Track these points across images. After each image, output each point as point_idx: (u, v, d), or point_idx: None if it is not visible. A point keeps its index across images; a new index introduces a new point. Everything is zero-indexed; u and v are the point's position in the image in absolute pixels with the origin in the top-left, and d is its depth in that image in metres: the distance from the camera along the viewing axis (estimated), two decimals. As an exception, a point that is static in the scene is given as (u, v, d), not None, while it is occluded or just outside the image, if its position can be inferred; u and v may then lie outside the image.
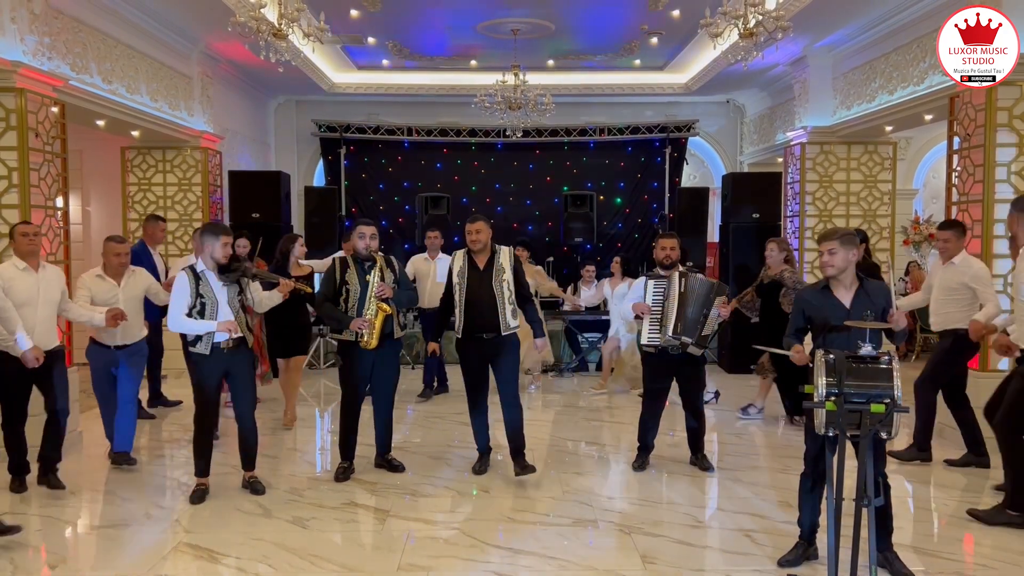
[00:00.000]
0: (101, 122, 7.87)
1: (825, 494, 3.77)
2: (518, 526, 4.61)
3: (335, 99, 12.42)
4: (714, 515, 4.85)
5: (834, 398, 3.45)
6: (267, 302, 5.42)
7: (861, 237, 6.93)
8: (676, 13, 8.93)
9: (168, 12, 8.07)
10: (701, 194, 11.34)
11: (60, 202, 6.50)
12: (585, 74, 11.98)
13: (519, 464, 5.34)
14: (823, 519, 3.90)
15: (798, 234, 9.74)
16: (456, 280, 5.39)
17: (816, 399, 3.50)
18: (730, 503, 5.01)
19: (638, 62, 11.37)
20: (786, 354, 4.09)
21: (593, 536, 4.48)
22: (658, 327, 5.49)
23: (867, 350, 3.56)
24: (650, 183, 12.88)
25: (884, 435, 3.49)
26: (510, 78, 10.01)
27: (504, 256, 5.42)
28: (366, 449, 5.79)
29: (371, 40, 10.21)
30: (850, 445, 3.63)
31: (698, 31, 7.64)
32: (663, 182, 12.69)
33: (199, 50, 9.30)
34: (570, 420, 7.36)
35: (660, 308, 5.50)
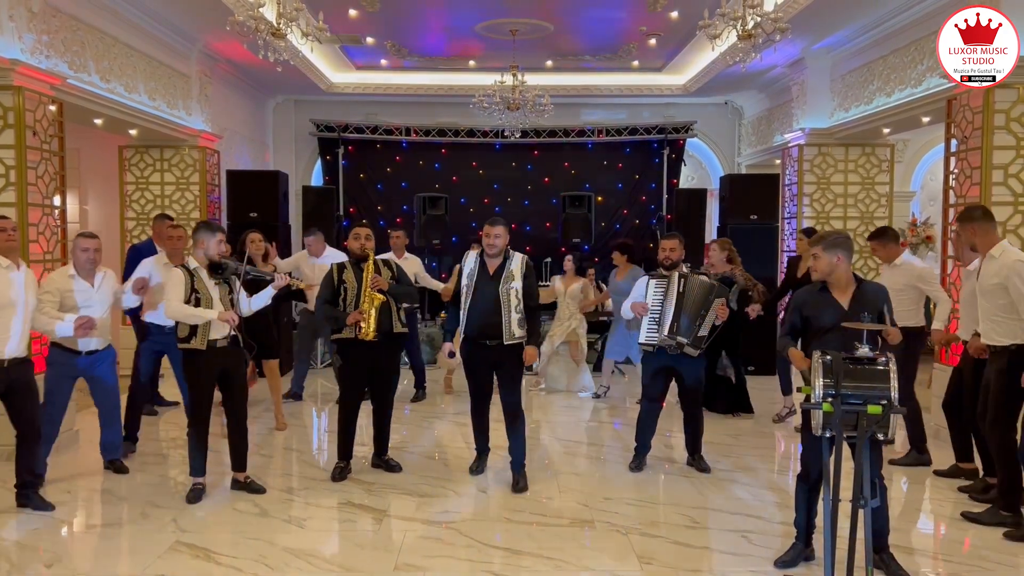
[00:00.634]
0: (99, 121, 7.86)
1: (822, 495, 3.78)
2: (515, 526, 4.61)
3: (333, 99, 12.41)
4: (711, 516, 4.85)
5: (831, 399, 3.46)
6: (254, 305, 5.40)
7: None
8: (674, 14, 8.94)
9: (167, 11, 8.06)
10: (699, 195, 11.34)
11: (58, 201, 6.49)
12: (583, 75, 11.99)
13: (517, 479, 5.27)
14: (819, 520, 3.90)
15: (796, 236, 9.74)
16: (465, 282, 5.33)
17: (813, 400, 3.51)
18: (727, 504, 5.02)
19: (636, 63, 11.38)
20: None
21: (590, 536, 4.48)
22: (656, 327, 5.51)
23: (864, 351, 3.57)
24: (648, 184, 12.89)
25: (881, 436, 3.50)
26: (508, 79, 10.01)
27: (516, 263, 5.27)
28: (363, 449, 5.79)
29: (369, 40, 10.20)
30: (847, 446, 3.65)
31: (696, 32, 7.66)
32: (661, 183, 12.68)
33: (197, 49, 9.29)
34: (567, 420, 7.37)
35: (659, 308, 5.52)
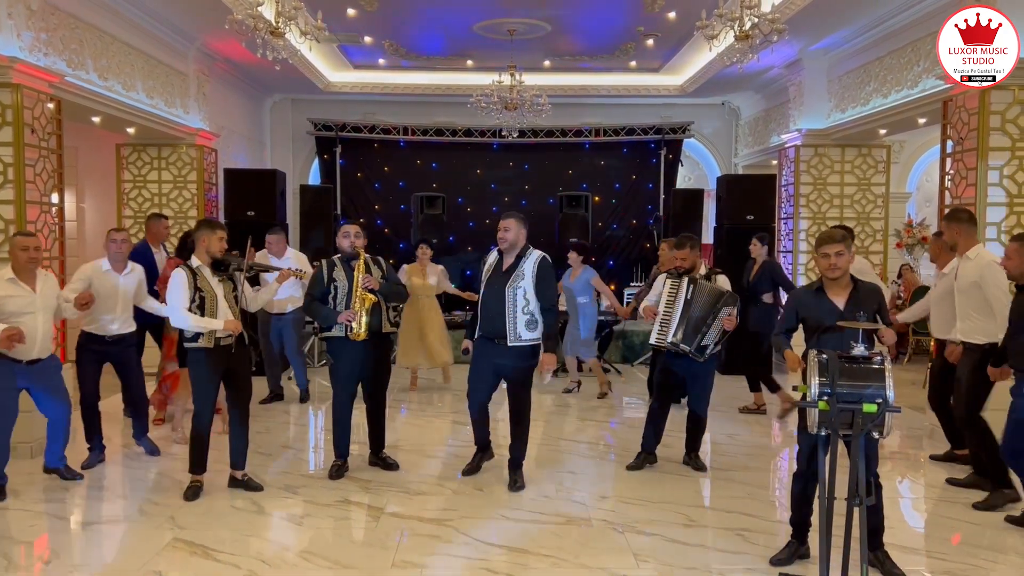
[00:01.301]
0: (97, 119, 7.86)
1: (817, 493, 3.80)
2: (512, 524, 4.63)
3: (331, 98, 12.42)
4: (707, 514, 4.87)
5: (827, 398, 3.48)
6: (259, 300, 5.43)
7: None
8: (672, 15, 8.97)
9: (165, 9, 8.07)
10: (696, 196, 11.36)
11: (55, 198, 6.50)
12: (581, 75, 12.01)
13: (513, 478, 5.27)
14: (815, 518, 3.93)
15: (792, 236, 9.78)
16: (483, 277, 5.35)
17: (809, 399, 3.53)
18: (722, 502, 5.04)
19: (634, 63, 11.40)
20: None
21: (587, 534, 4.49)
22: (664, 330, 5.52)
23: (860, 350, 3.59)
24: (645, 184, 12.92)
25: (876, 435, 3.52)
26: (506, 78, 10.03)
27: (530, 262, 5.16)
28: (361, 447, 5.80)
29: (368, 39, 10.22)
30: (843, 445, 3.67)
31: (694, 33, 7.68)
32: (658, 183, 12.71)
33: (195, 48, 9.30)
34: (563, 419, 7.38)
35: (669, 311, 5.52)
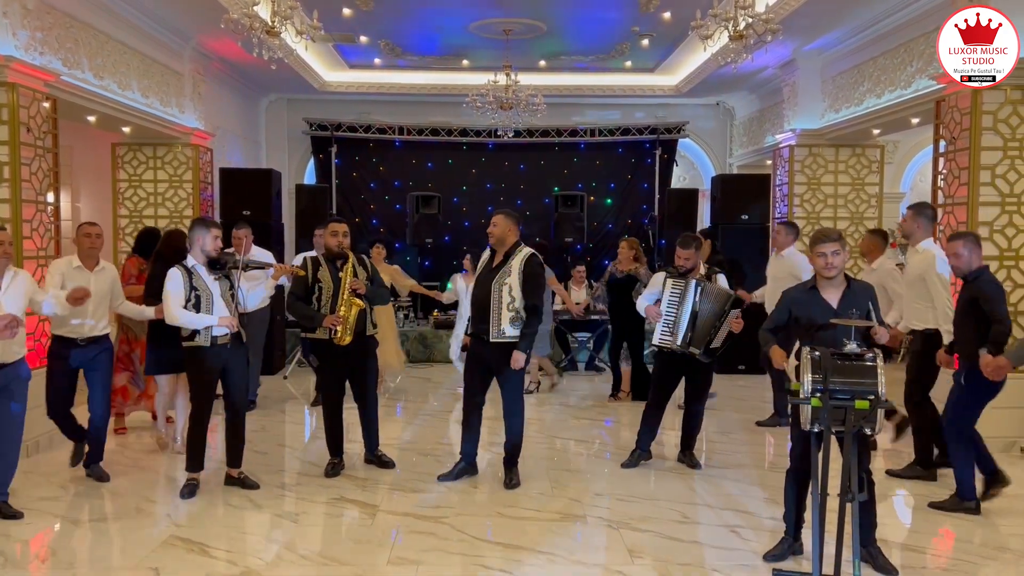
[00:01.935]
0: (92, 118, 7.86)
1: (810, 489, 3.83)
2: (507, 521, 4.65)
3: (326, 97, 12.42)
4: (701, 511, 4.89)
5: (819, 394, 3.51)
6: (252, 300, 5.42)
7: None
8: (667, 15, 9.00)
9: (161, 9, 8.06)
10: (691, 196, 11.40)
11: (51, 197, 6.50)
12: (576, 75, 12.04)
13: (509, 476, 5.28)
14: (808, 515, 3.95)
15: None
16: (476, 274, 5.37)
17: (802, 395, 3.56)
18: (717, 499, 5.07)
19: (629, 63, 11.43)
20: None
21: (581, 531, 4.52)
22: (670, 333, 5.44)
23: (852, 347, 3.62)
24: (640, 184, 12.96)
25: (868, 431, 3.56)
26: (502, 78, 10.05)
27: (518, 260, 5.14)
28: (357, 446, 5.81)
29: (363, 39, 10.22)
30: (835, 441, 3.70)
31: (688, 33, 7.70)
32: (653, 183, 12.75)
33: (191, 47, 9.29)
34: (558, 418, 7.41)
35: (674, 312, 5.42)
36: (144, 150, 9.32)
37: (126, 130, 8.65)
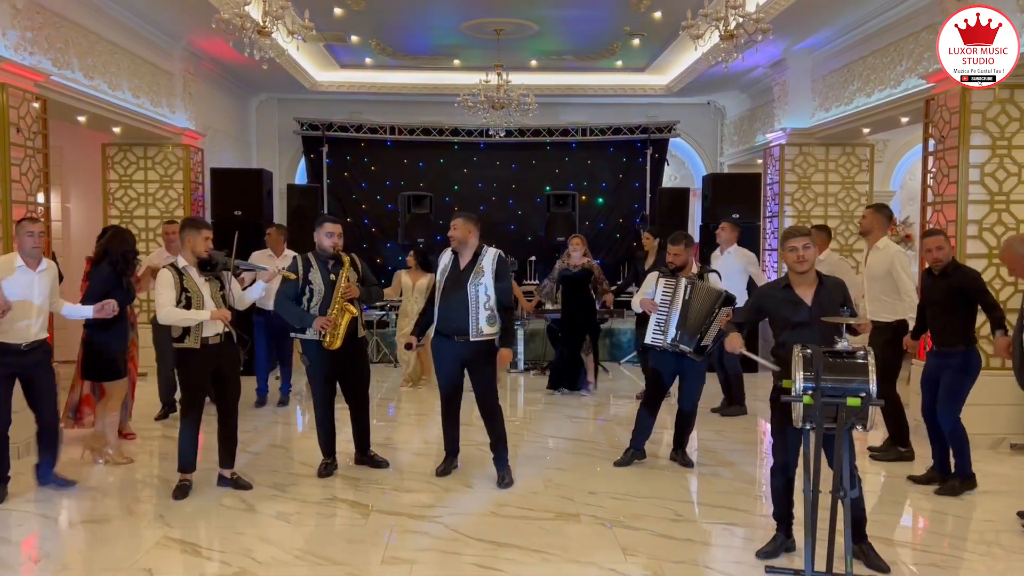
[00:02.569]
0: (82, 118, 7.83)
1: (801, 486, 3.85)
2: (501, 520, 4.66)
3: (317, 97, 12.40)
4: (694, 509, 4.92)
5: (811, 392, 3.54)
6: (247, 298, 5.41)
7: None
8: (658, 15, 9.02)
9: (151, 8, 8.03)
10: (682, 195, 11.43)
11: (41, 198, 6.47)
12: (567, 74, 12.05)
13: (501, 475, 5.31)
14: (798, 512, 3.98)
15: (777, 234, 9.85)
16: (439, 277, 5.38)
17: (794, 393, 3.58)
18: (709, 497, 5.09)
19: (620, 63, 11.46)
20: (770, 366, 4.14)
21: (575, 530, 4.53)
22: (660, 331, 5.51)
23: (843, 345, 3.64)
24: (632, 183, 12.99)
25: (860, 428, 3.58)
26: (493, 78, 10.05)
27: (488, 258, 5.28)
28: (349, 447, 5.81)
29: (354, 38, 10.21)
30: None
31: (679, 33, 7.73)
32: (644, 182, 12.78)
33: (181, 46, 9.27)
34: (551, 417, 7.42)
35: (665, 310, 5.52)
36: (135, 150, 9.30)
37: (116, 130, 8.62)
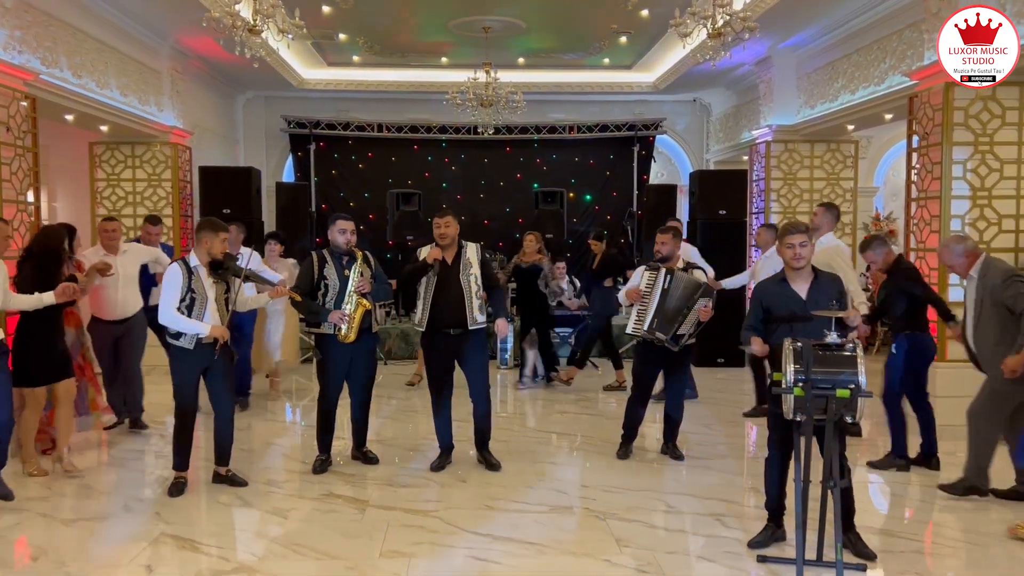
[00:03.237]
0: (70, 116, 7.81)
1: (792, 477, 3.93)
2: (496, 513, 4.71)
3: (304, 95, 12.38)
4: (686, 501, 4.98)
5: (802, 384, 3.62)
6: (251, 303, 5.42)
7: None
8: (645, 13, 9.08)
9: (139, 7, 8.01)
10: (669, 191, 11.51)
11: (31, 197, 6.46)
12: (555, 72, 12.10)
13: (486, 458, 5.45)
14: (790, 503, 4.06)
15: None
16: (424, 276, 5.43)
17: (784, 386, 3.66)
18: (701, 489, 5.16)
19: (607, 61, 11.52)
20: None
21: (569, 522, 4.59)
22: (641, 319, 5.61)
23: (832, 338, 3.72)
24: (619, 180, 13.04)
25: (849, 419, 3.67)
26: (481, 75, 10.08)
27: (471, 251, 5.45)
28: (340, 443, 5.84)
29: (342, 36, 10.22)
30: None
31: (666, 30, 7.79)
32: (632, 179, 12.84)
33: (169, 45, 9.25)
34: (542, 411, 7.48)
35: (646, 301, 5.62)
36: (122, 149, 9.27)
37: (104, 129, 8.60)
